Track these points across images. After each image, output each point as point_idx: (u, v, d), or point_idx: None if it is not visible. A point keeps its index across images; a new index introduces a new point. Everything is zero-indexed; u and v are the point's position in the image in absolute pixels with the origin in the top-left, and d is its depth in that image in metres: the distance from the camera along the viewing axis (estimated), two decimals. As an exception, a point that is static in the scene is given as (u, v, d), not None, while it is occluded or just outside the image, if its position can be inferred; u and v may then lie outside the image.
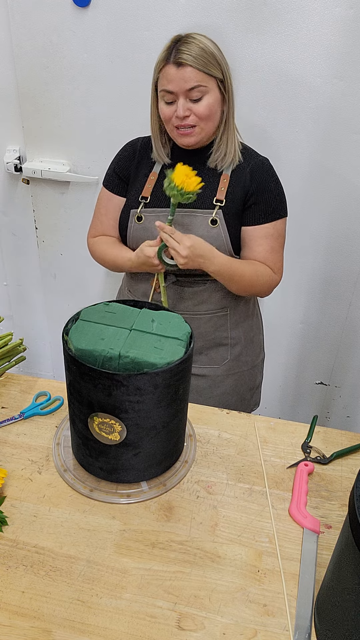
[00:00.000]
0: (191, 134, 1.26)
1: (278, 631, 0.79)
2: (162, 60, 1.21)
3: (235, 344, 1.47)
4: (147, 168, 1.38)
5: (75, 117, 1.72)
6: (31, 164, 1.82)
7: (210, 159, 1.33)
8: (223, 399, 1.51)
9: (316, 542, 0.92)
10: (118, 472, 0.99)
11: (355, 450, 1.11)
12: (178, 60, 1.18)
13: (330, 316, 1.95)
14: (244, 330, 1.49)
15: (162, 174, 1.36)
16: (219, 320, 1.43)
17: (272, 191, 1.34)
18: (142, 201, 1.36)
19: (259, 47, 1.51)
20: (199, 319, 1.41)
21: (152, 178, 1.36)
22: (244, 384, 1.54)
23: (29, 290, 2.19)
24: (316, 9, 1.43)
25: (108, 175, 1.44)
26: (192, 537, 0.92)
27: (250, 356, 1.53)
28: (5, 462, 1.05)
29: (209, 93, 1.22)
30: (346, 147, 1.61)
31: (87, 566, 0.87)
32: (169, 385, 0.91)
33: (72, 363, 0.90)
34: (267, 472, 1.06)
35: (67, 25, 1.57)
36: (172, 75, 1.19)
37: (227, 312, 1.43)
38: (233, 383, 1.51)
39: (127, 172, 1.41)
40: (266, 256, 1.36)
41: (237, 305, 1.45)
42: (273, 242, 1.36)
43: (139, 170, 1.39)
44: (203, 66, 1.19)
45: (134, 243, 1.37)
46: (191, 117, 1.23)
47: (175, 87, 1.20)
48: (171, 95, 1.22)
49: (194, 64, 1.18)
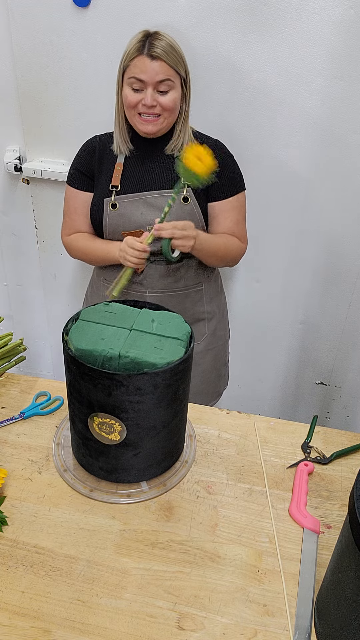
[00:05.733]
0: (155, 122, 1.34)
1: (278, 631, 0.79)
2: (136, 50, 1.28)
3: (211, 318, 1.61)
4: (111, 161, 1.44)
5: (76, 117, 1.72)
6: (31, 164, 1.82)
7: (167, 147, 1.42)
8: (205, 377, 1.63)
9: (316, 542, 0.92)
10: (118, 472, 0.99)
11: (355, 450, 1.11)
12: (153, 53, 1.26)
13: (330, 316, 1.95)
14: (217, 305, 1.63)
15: (127, 163, 1.43)
16: (195, 295, 1.54)
17: (232, 167, 1.46)
18: (114, 189, 1.42)
19: (259, 47, 1.51)
20: (177, 296, 1.51)
21: (119, 168, 1.43)
22: (220, 359, 1.69)
23: (29, 290, 2.19)
24: (316, 9, 1.43)
25: (71, 175, 1.50)
26: (192, 537, 0.92)
27: (222, 330, 1.67)
28: (5, 462, 1.05)
29: (174, 88, 1.32)
30: (346, 147, 1.61)
31: (87, 566, 0.87)
32: (169, 385, 0.90)
33: (72, 363, 0.90)
34: (267, 472, 1.06)
35: (67, 25, 1.57)
36: (146, 66, 1.27)
37: (202, 287, 1.55)
38: (212, 359, 1.64)
39: (90, 169, 1.46)
40: (233, 228, 1.49)
41: (209, 280, 1.57)
42: (237, 214, 1.49)
43: (102, 164, 1.45)
44: (173, 63, 1.29)
45: (111, 230, 1.45)
46: (157, 107, 1.31)
47: (147, 77, 1.28)
48: (140, 84, 1.29)
49: (166, 59, 1.28)
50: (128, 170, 1.43)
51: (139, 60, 1.27)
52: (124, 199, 1.42)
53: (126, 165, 1.43)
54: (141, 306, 1.06)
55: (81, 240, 1.50)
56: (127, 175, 1.42)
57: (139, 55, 1.27)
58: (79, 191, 1.48)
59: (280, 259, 1.86)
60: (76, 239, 1.52)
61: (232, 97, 1.59)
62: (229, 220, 1.47)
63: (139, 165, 1.43)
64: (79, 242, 1.51)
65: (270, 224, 1.79)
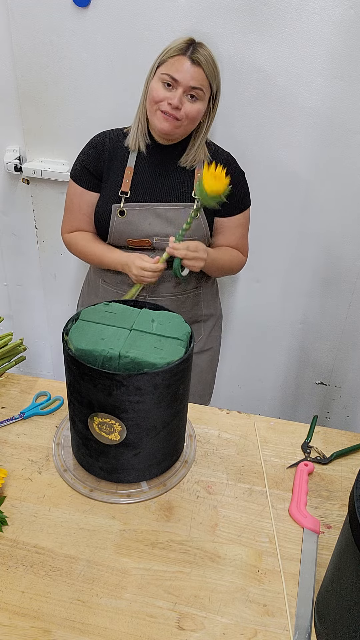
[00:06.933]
0: (173, 122, 1.31)
1: (278, 631, 0.79)
2: (178, 50, 1.27)
3: (207, 320, 1.64)
4: (121, 162, 1.41)
5: (76, 117, 1.72)
6: (31, 164, 1.82)
7: (182, 159, 1.41)
8: (201, 378, 1.65)
9: (316, 542, 0.92)
10: (118, 472, 0.99)
11: (355, 450, 1.11)
12: (195, 57, 1.27)
13: (330, 316, 1.95)
14: (214, 307, 1.66)
15: (138, 168, 1.41)
16: (194, 299, 1.57)
17: (241, 184, 1.47)
18: (123, 196, 1.40)
19: (259, 47, 1.51)
20: (177, 299, 1.52)
21: (129, 173, 1.41)
22: (215, 359, 1.72)
23: (29, 290, 2.19)
24: (316, 9, 1.43)
25: (77, 171, 1.45)
26: (192, 537, 0.92)
27: (217, 332, 1.70)
28: (5, 462, 1.05)
29: (202, 100, 1.32)
30: (346, 147, 1.61)
31: (87, 566, 0.87)
32: (169, 385, 0.90)
33: (72, 363, 0.90)
34: (267, 472, 1.06)
35: (67, 25, 1.57)
36: (186, 67, 1.27)
37: (200, 290, 1.57)
38: (208, 359, 1.67)
39: (98, 168, 1.43)
40: (238, 243, 1.53)
41: (207, 284, 1.60)
42: (243, 229, 1.53)
43: (112, 164, 1.42)
44: (210, 74, 1.30)
45: (117, 237, 1.44)
46: (181, 111, 1.30)
47: (182, 78, 1.27)
48: (173, 82, 1.27)
49: (206, 68, 1.28)
50: (139, 176, 1.41)
51: (179, 59, 1.27)
52: (133, 207, 1.40)
53: (137, 170, 1.41)
54: (141, 306, 1.06)
55: (83, 240, 1.49)
56: (138, 182, 1.40)
57: (181, 55, 1.27)
58: (84, 190, 1.45)
59: (281, 259, 1.86)
60: (78, 238, 1.50)
61: (232, 97, 1.59)
62: (235, 236, 1.50)
63: (150, 171, 1.41)
64: (81, 243, 1.49)
65: (270, 224, 1.79)
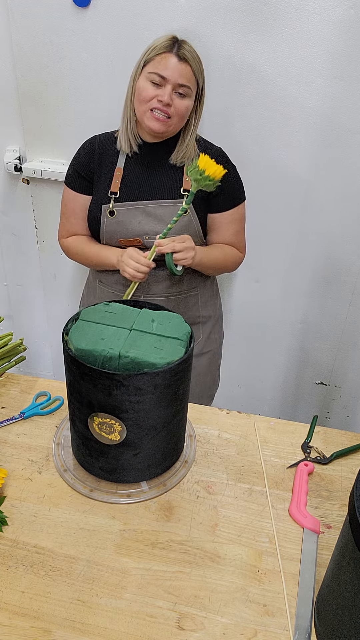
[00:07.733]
0: (165, 122, 1.31)
1: (278, 631, 0.79)
2: (164, 47, 1.28)
3: (206, 322, 1.61)
4: (111, 164, 1.42)
5: (76, 117, 1.72)
6: (31, 164, 1.82)
7: (172, 156, 1.41)
8: (200, 380, 1.62)
9: (316, 542, 0.92)
10: (118, 472, 0.99)
11: (355, 450, 1.11)
12: (182, 54, 1.27)
13: (330, 316, 1.95)
14: (213, 309, 1.62)
15: (127, 168, 1.41)
16: (191, 300, 1.54)
17: (233, 179, 1.44)
18: (112, 196, 1.41)
19: (259, 47, 1.51)
20: (173, 300, 1.50)
21: (118, 174, 1.41)
22: (214, 362, 1.68)
23: (29, 290, 2.19)
24: (316, 9, 1.43)
25: (70, 176, 1.48)
26: (192, 537, 0.92)
27: (217, 334, 1.67)
28: (5, 462, 1.05)
29: (190, 97, 1.32)
30: (346, 147, 1.61)
31: (87, 566, 0.87)
32: (169, 385, 0.90)
33: (72, 363, 0.90)
34: (267, 472, 1.06)
35: (67, 25, 1.57)
36: (173, 64, 1.27)
37: (197, 291, 1.55)
38: (207, 362, 1.64)
39: (89, 171, 1.44)
40: (233, 239, 1.49)
41: (205, 285, 1.57)
42: (237, 225, 1.49)
43: (102, 166, 1.43)
44: (197, 70, 1.31)
45: (108, 237, 1.45)
46: (171, 107, 1.30)
47: (170, 75, 1.27)
48: (162, 80, 1.28)
49: (192, 65, 1.29)
50: (128, 176, 1.41)
51: (165, 57, 1.27)
52: (122, 207, 1.40)
53: (126, 170, 1.41)
54: (141, 306, 1.06)
55: (79, 244, 1.50)
56: (127, 182, 1.41)
57: (167, 53, 1.27)
58: (77, 194, 1.47)
59: (280, 258, 1.86)
60: (73, 242, 1.51)
61: (231, 97, 1.59)
62: (229, 232, 1.48)
63: (139, 171, 1.41)
64: (77, 246, 1.50)
65: (270, 224, 1.79)
